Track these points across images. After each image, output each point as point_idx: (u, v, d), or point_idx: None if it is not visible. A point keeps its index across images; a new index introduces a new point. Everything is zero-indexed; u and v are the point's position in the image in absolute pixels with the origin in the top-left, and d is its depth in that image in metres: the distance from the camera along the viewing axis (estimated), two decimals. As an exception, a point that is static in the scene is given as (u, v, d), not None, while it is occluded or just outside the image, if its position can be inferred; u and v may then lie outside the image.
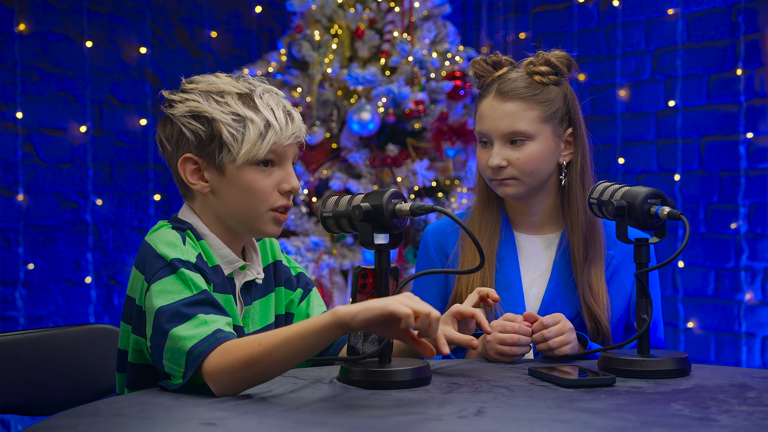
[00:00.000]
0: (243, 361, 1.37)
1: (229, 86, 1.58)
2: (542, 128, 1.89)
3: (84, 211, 4.14)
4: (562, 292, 1.90)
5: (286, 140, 1.58)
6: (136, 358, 1.56)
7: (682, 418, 1.26)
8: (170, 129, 1.60)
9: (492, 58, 1.96)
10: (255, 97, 1.58)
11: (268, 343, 1.37)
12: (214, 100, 1.57)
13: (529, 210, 1.96)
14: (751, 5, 4.00)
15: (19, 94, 3.96)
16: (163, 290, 1.47)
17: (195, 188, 1.60)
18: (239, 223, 1.60)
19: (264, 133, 1.55)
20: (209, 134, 1.56)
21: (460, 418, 1.26)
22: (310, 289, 1.77)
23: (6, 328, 3.89)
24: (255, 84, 1.61)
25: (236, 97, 1.57)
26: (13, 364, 1.78)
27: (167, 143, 1.61)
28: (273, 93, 1.61)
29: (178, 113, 1.58)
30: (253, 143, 1.55)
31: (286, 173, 1.60)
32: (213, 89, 1.58)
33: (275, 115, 1.57)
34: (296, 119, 1.60)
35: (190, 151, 1.58)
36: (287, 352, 1.37)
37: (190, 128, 1.57)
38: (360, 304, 1.34)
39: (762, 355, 3.98)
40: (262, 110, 1.56)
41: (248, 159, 1.55)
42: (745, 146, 4.01)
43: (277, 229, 1.61)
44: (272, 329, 1.69)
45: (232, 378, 1.38)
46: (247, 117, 1.55)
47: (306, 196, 3.80)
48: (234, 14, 4.69)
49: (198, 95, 1.58)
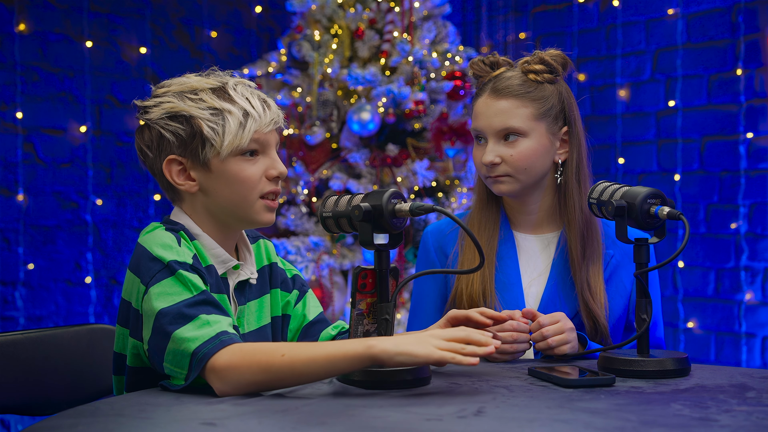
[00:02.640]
0: (262, 366, 1.38)
1: (201, 83, 1.59)
2: (536, 126, 1.90)
3: (84, 211, 4.14)
4: (561, 292, 1.90)
5: (266, 127, 1.59)
6: (134, 361, 1.56)
7: (681, 418, 1.26)
8: (149, 135, 1.60)
9: (490, 59, 1.97)
10: (228, 89, 1.59)
11: (293, 356, 1.38)
12: (189, 99, 1.57)
13: (526, 209, 1.96)
14: (751, 5, 4.00)
15: (19, 94, 3.96)
16: (162, 292, 1.47)
17: (183, 189, 1.59)
18: (232, 215, 1.60)
19: (244, 123, 1.56)
20: (189, 132, 1.56)
21: (459, 418, 1.26)
22: (305, 290, 1.78)
23: (6, 328, 3.89)
24: (226, 77, 1.62)
25: (210, 92, 1.58)
26: (13, 364, 1.78)
27: (148, 150, 1.60)
28: (245, 84, 1.62)
29: (154, 117, 1.58)
30: (235, 134, 1.55)
31: (271, 160, 1.61)
32: (186, 89, 1.59)
33: (252, 104, 1.58)
34: (272, 106, 1.62)
35: (172, 152, 1.57)
36: (311, 370, 1.39)
37: (170, 129, 1.57)
38: (399, 344, 1.37)
39: (762, 355, 3.98)
40: (238, 101, 1.57)
41: (232, 150, 1.56)
42: (745, 146, 4.01)
43: (270, 216, 1.62)
44: (268, 330, 1.69)
45: (243, 378, 1.38)
46: (224, 109, 1.56)
47: (306, 196, 3.80)
48: (234, 14, 4.69)
49: (172, 96, 1.58)
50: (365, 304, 1.54)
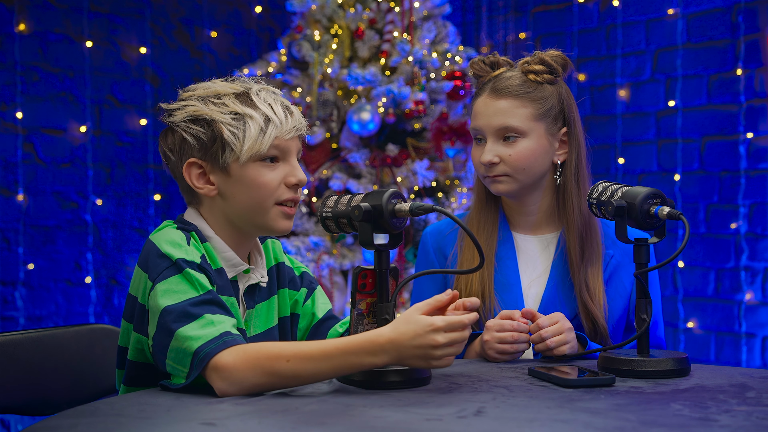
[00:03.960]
0: (266, 370, 1.39)
1: (225, 88, 1.60)
2: (535, 126, 1.90)
3: (84, 211, 4.14)
4: (560, 293, 1.90)
5: (287, 134, 1.59)
6: (135, 356, 1.57)
7: (681, 418, 1.26)
8: (172, 138, 1.61)
9: (490, 59, 1.97)
10: (252, 94, 1.59)
11: (297, 363, 1.40)
12: (212, 103, 1.58)
13: (525, 209, 1.96)
14: (751, 5, 4.00)
15: (19, 94, 3.96)
16: (168, 290, 1.47)
17: (202, 192, 1.60)
18: (248, 221, 1.60)
19: (264, 128, 1.56)
20: (210, 136, 1.56)
21: (459, 418, 1.26)
22: (314, 287, 1.77)
23: (6, 328, 3.89)
24: (250, 83, 1.63)
25: (233, 96, 1.58)
26: (13, 364, 1.78)
27: (170, 153, 1.61)
28: (269, 90, 1.63)
29: (177, 120, 1.59)
30: (255, 139, 1.55)
31: (291, 167, 1.61)
32: (210, 93, 1.59)
33: (274, 110, 1.58)
34: (295, 113, 1.62)
35: (193, 155, 1.58)
36: (315, 378, 1.42)
37: (191, 133, 1.57)
38: (402, 358, 1.40)
39: (762, 355, 3.98)
40: (260, 106, 1.57)
41: (252, 155, 1.56)
42: (745, 146, 4.01)
43: (288, 223, 1.61)
44: (275, 332, 1.69)
45: (245, 379, 1.39)
46: (246, 114, 1.56)
47: (306, 196, 3.80)
48: (234, 14, 4.69)
49: (196, 100, 1.59)
50: (365, 304, 1.54)
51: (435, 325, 1.39)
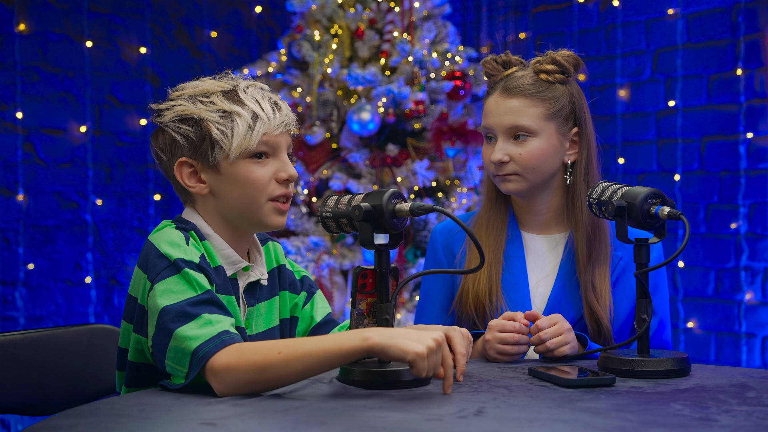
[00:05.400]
0: (258, 365, 1.38)
1: (213, 86, 1.60)
2: (546, 125, 1.90)
3: (84, 211, 4.14)
4: (567, 293, 1.90)
5: (275, 130, 1.59)
6: (135, 357, 1.57)
7: (681, 418, 1.26)
8: (162, 138, 1.61)
9: (502, 58, 1.97)
10: (239, 91, 1.60)
11: (289, 353, 1.38)
12: (200, 101, 1.58)
13: (535, 209, 1.96)
14: (751, 5, 4.00)
15: (19, 94, 3.96)
16: (167, 290, 1.47)
17: (194, 191, 1.60)
18: (242, 218, 1.61)
19: (252, 125, 1.57)
20: (199, 135, 1.57)
21: (460, 418, 1.26)
22: (313, 291, 1.78)
23: (6, 328, 3.89)
24: (238, 80, 1.63)
25: (221, 94, 1.59)
26: (13, 364, 1.78)
27: (162, 153, 1.62)
28: (257, 87, 1.63)
29: (167, 120, 1.60)
30: (243, 136, 1.56)
31: (281, 162, 1.61)
32: (198, 92, 1.60)
33: (261, 106, 1.59)
34: (283, 108, 1.62)
35: (183, 155, 1.59)
36: (308, 365, 1.39)
37: (180, 132, 1.58)
38: (395, 336, 1.37)
39: (762, 355, 3.98)
40: (248, 103, 1.58)
41: (241, 152, 1.56)
42: (745, 146, 4.01)
43: (281, 219, 1.62)
44: (276, 332, 1.69)
45: (241, 378, 1.39)
46: (233, 111, 1.57)
47: (306, 196, 3.80)
48: (234, 14, 4.69)
49: (184, 100, 1.60)
50: (365, 304, 1.54)
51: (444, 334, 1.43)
